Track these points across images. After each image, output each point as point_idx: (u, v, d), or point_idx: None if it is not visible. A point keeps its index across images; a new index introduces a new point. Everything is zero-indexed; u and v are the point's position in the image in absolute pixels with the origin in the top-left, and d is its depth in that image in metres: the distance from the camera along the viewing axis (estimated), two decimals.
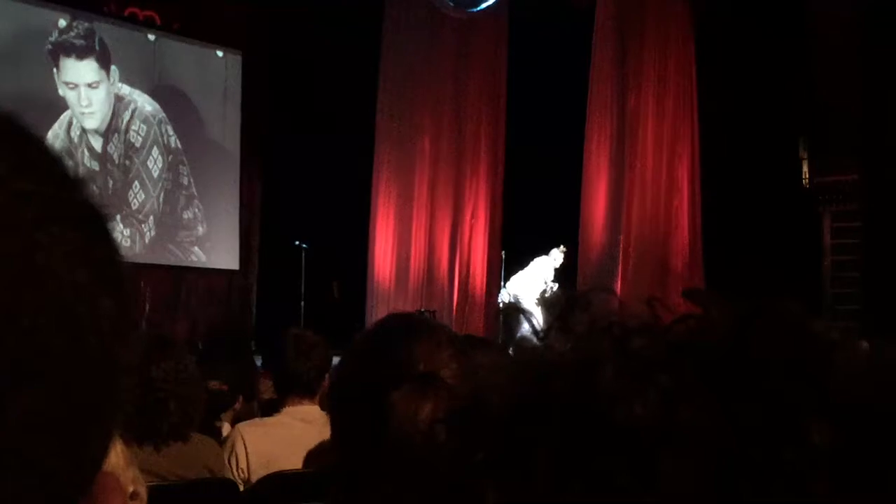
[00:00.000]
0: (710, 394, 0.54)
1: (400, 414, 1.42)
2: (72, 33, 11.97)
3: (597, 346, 0.59)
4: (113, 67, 12.37)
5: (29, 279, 0.46)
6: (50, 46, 11.82)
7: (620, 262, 13.87)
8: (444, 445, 0.62)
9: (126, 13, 12.61)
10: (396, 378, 1.47)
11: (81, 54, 12.07)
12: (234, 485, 3.73)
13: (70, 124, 12.04)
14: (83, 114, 12.13)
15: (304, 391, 3.95)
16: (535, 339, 0.64)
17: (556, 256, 13.02)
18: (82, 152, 12.14)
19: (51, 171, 0.51)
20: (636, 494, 0.53)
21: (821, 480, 0.52)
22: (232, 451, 3.96)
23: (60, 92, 11.94)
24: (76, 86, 12.07)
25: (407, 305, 12.80)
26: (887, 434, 0.53)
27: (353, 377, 1.59)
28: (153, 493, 2.91)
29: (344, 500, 1.55)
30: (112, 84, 12.39)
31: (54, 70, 11.88)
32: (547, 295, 12.88)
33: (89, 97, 12.16)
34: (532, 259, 13.05)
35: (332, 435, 1.62)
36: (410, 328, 1.58)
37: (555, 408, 0.57)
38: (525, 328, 0.66)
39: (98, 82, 12.25)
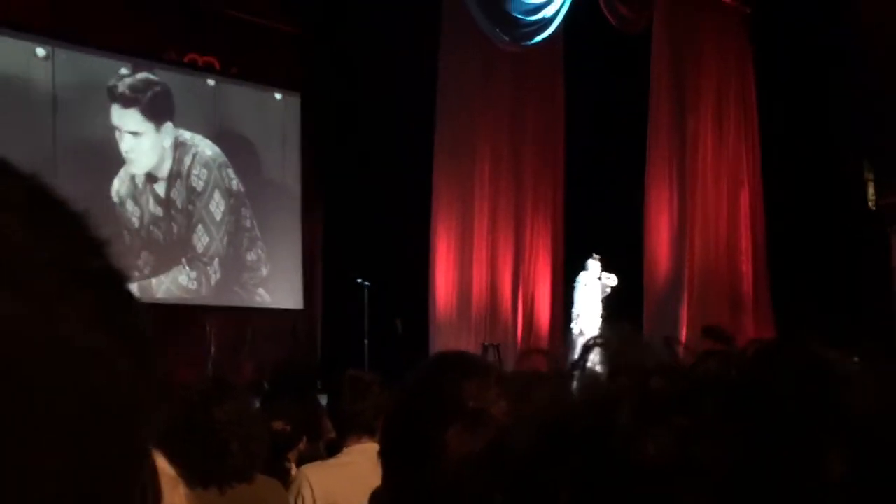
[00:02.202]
0: (726, 431, 0.54)
1: (451, 452, 1.43)
2: (130, 84, 12.19)
3: (616, 387, 0.60)
4: (173, 114, 12.57)
5: (47, 351, 0.47)
6: (110, 97, 12.05)
7: (686, 290, 13.76)
8: (467, 487, 0.63)
9: (186, 59, 12.83)
10: (447, 416, 1.47)
11: (140, 104, 12.29)
12: None
13: (134, 171, 12.25)
14: (144, 162, 12.34)
15: (362, 430, 3.97)
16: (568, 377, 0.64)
17: (593, 266, 12.93)
18: (147, 198, 12.34)
19: (72, 236, 0.51)
20: None
21: None
22: (298, 494, 3.97)
23: (122, 141, 12.16)
24: (137, 135, 12.28)
25: (470, 340, 12.79)
26: None
27: (403, 416, 1.59)
28: None
29: None
30: (171, 132, 12.58)
31: (116, 120, 12.10)
32: (608, 283, 12.81)
33: (146, 145, 12.36)
34: (576, 281, 12.99)
35: (384, 473, 1.63)
36: (460, 366, 1.59)
37: (574, 449, 0.57)
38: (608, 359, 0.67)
39: (157, 130, 12.46)
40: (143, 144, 12.40)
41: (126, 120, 12.25)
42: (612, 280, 12.95)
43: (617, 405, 0.58)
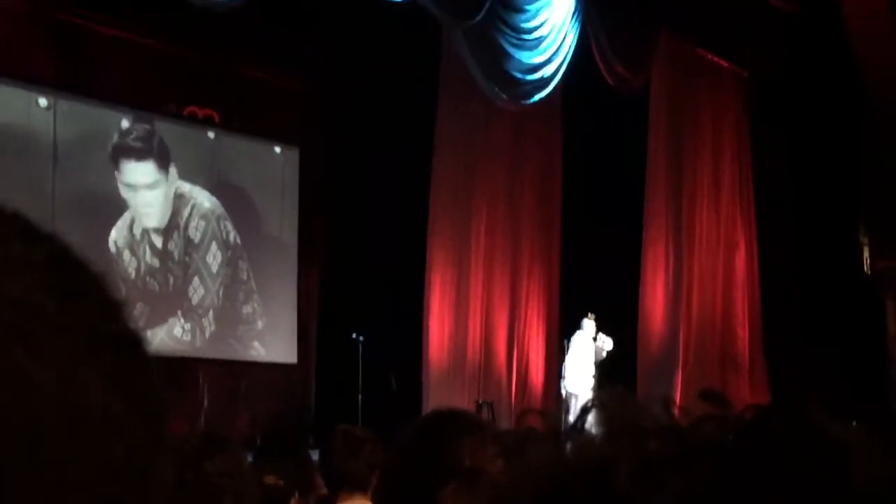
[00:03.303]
0: (724, 496, 0.54)
1: None
2: (131, 136, 12.24)
3: (613, 449, 0.60)
4: (172, 166, 12.61)
5: (65, 415, 0.47)
6: (111, 149, 12.09)
7: (681, 352, 13.74)
8: None
9: (186, 112, 12.90)
10: (443, 474, 1.46)
11: (140, 156, 12.33)
12: None
13: (132, 222, 12.26)
14: (143, 214, 12.35)
15: (354, 487, 3.94)
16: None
17: (589, 325, 12.93)
18: (144, 249, 12.33)
19: (91, 299, 0.52)
20: None
21: None
22: None
23: (122, 192, 12.18)
24: (136, 187, 12.31)
25: (464, 396, 12.74)
26: None
27: (399, 474, 1.58)
28: None
29: None
30: (170, 183, 12.62)
31: (115, 172, 12.13)
32: (604, 347, 12.80)
33: (148, 198, 12.39)
34: (569, 340, 13.01)
35: None
36: (456, 424, 1.58)
37: None
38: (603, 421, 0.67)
39: (156, 183, 12.49)
40: (158, 195, 12.44)
41: (141, 173, 12.31)
42: (607, 344, 12.93)
43: (615, 467, 0.58)
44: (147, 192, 12.41)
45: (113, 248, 11.94)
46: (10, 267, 0.49)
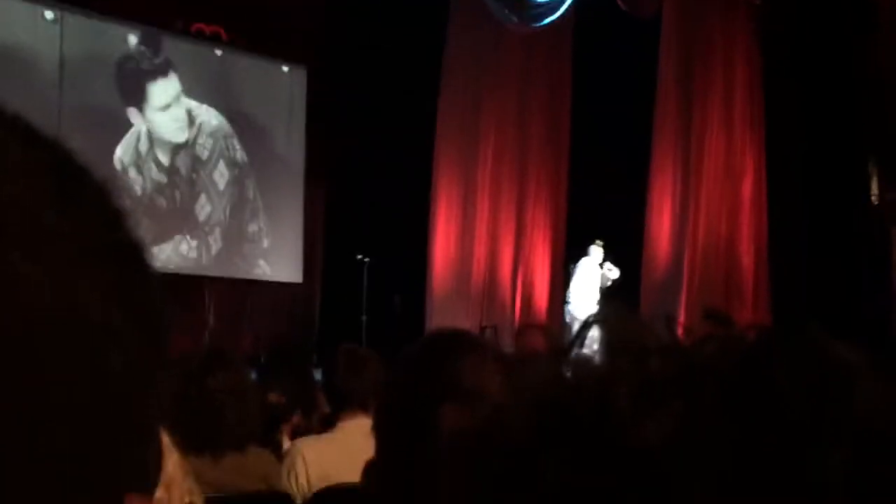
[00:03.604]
0: (725, 418, 0.54)
1: (446, 429, 1.42)
2: (139, 54, 12.17)
3: (614, 368, 0.59)
4: (179, 84, 12.55)
5: (62, 321, 0.46)
6: (119, 67, 12.02)
7: (685, 277, 13.76)
8: (462, 464, 0.62)
9: (193, 29, 12.79)
10: (442, 394, 1.46)
11: (149, 75, 12.28)
12: (290, 498, 3.74)
13: (138, 140, 12.22)
14: (152, 131, 12.32)
15: (356, 406, 3.96)
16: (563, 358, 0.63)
17: (596, 252, 12.94)
18: (150, 167, 12.31)
19: (93, 207, 0.51)
20: None
21: None
22: (292, 468, 3.97)
23: (130, 110, 12.12)
24: (145, 105, 12.27)
25: (468, 320, 12.80)
26: None
27: (399, 392, 1.59)
28: (209, 503, 2.94)
29: None
30: (178, 101, 12.57)
31: (124, 90, 12.05)
32: (609, 276, 12.84)
33: (157, 116, 12.36)
34: (576, 265, 13.03)
35: (378, 447, 1.62)
36: (456, 345, 1.58)
37: (571, 431, 0.56)
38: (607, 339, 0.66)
39: (165, 101, 12.46)
40: (166, 114, 12.42)
41: (158, 93, 12.30)
42: (613, 272, 12.94)
43: (615, 386, 0.57)
44: (156, 110, 12.37)
45: (118, 166, 11.92)
46: (9, 171, 0.48)
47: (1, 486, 0.45)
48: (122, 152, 12.02)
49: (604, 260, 13.01)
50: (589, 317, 0.63)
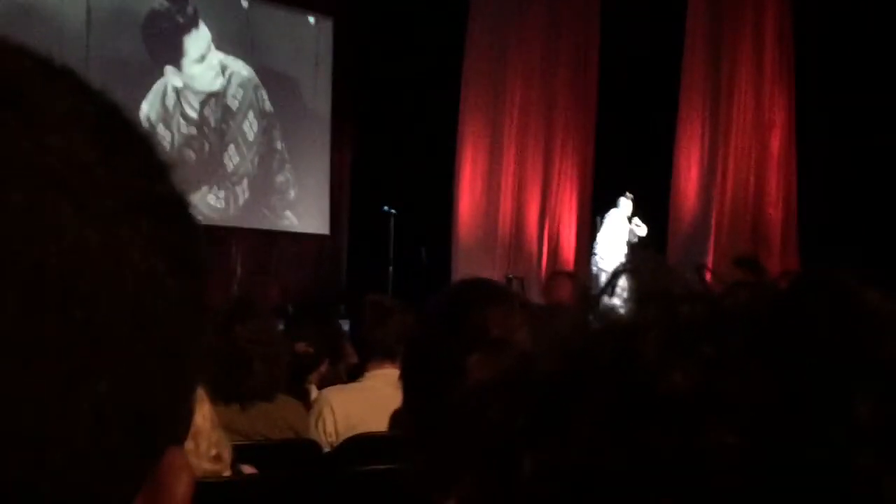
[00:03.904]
0: (755, 363, 0.53)
1: (473, 378, 1.43)
2: (174, 11, 12.17)
3: (642, 314, 0.59)
4: (210, 34, 12.55)
5: (106, 269, 0.47)
6: (161, 28, 12.02)
7: (713, 229, 13.70)
8: (489, 410, 0.62)
9: None
10: (469, 343, 1.47)
11: (189, 28, 12.30)
12: (317, 445, 3.78)
13: (164, 94, 12.23)
14: (196, 83, 12.36)
15: (383, 355, 3.99)
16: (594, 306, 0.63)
17: (626, 205, 12.91)
18: (178, 122, 12.34)
19: (138, 159, 0.52)
20: (677, 462, 0.53)
21: (865, 455, 0.51)
22: (320, 416, 4.01)
23: (174, 68, 12.13)
24: (191, 59, 12.31)
25: (494, 271, 12.80)
26: None
27: (425, 341, 1.59)
28: (238, 450, 2.98)
29: (415, 462, 1.56)
30: (210, 52, 12.59)
31: (156, 43, 12.04)
32: (638, 232, 12.83)
33: (192, 69, 12.39)
34: (604, 217, 13.00)
35: (404, 397, 1.63)
36: (483, 294, 1.58)
37: (598, 377, 0.56)
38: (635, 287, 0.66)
39: (206, 52, 12.50)
40: (200, 66, 12.44)
41: (192, 46, 12.32)
42: (641, 229, 12.90)
43: (643, 334, 0.57)
44: (193, 62, 12.40)
45: (146, 123, 11.94)
46: (58, 121, 0.48)
47: (47, 434, 0.45)
48: (148, 108, 12.04)
49: (633, 213, 12.97)
50: (619, 266, 0.63)
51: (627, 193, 12.89)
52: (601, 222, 13.18)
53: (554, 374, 0.58)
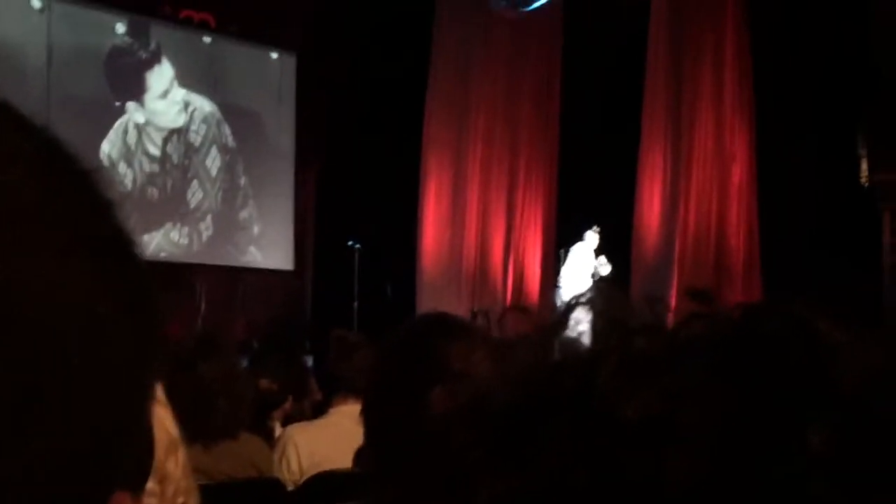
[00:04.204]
0: (710, 394, 0.54)
1: (435, 412, 1.42)
2: (137, 46, 12.15)
3: (599, 346, 0.59)
4: (173, 70, 12.54)
5: (48, 310, 0.46)
6: (122, 64, 12.00)
7: (676, 261, 13.77)
8: (448, 444, 0.62)
9: (181, 16, 12.75)
10: (431, 377, 1.46)
11: (151, 64, 12.28)
12: (281, 484, 3.75)
13: (126, 132, 12.18)
14: (159, 119, 12.32)
15: (348, 391, 3.97)
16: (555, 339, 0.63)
17: (591, 238, 12.97)
18: (140, 160, 12.28)
19: (80, 196, 0.51)
20: (636, 492, 0.53)
21: (819, 484, 0.51)
22: (283, 454, 3.98)
23: (122, 100, 12.08)
24: (143, 94, 12.27)
25: (459, 306, 12.80)
26: (889, 438, 0.52)
27: (387, 376, 1.59)
28: (201, 491, 2.94)
29: (378, 498, 1.55)
30: (173, 88, 12.56)
31: (116, 79, 12.01)
32: (600, 272, 12.86)
33: (155, 105, 12.36)
34: (569, 250, 13.05)
35: (366, 432, 1.62)
36: (443, 328, 1.58)
37: (555, 408, 0.56)
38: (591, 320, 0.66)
39: (170, 87, 12.48)
40: (162, 102, 12.42)
41: (154, 81, 12.29)
42: (605, 268, 12.94)
43: (601, 364, 0.57)
44: (156, 98, 12.37)
45: (106, 162, 11.87)
46: None
47: None
48: (109, 147, 11.98)
49: (598, 248, 13.01)
50: (573, 298, 0.63)
51: (595, 227, 12.95)
52: (566, 255, 13.22)
53: (512, 405, 0.58)
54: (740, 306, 0.61)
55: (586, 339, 0.62)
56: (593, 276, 12.85)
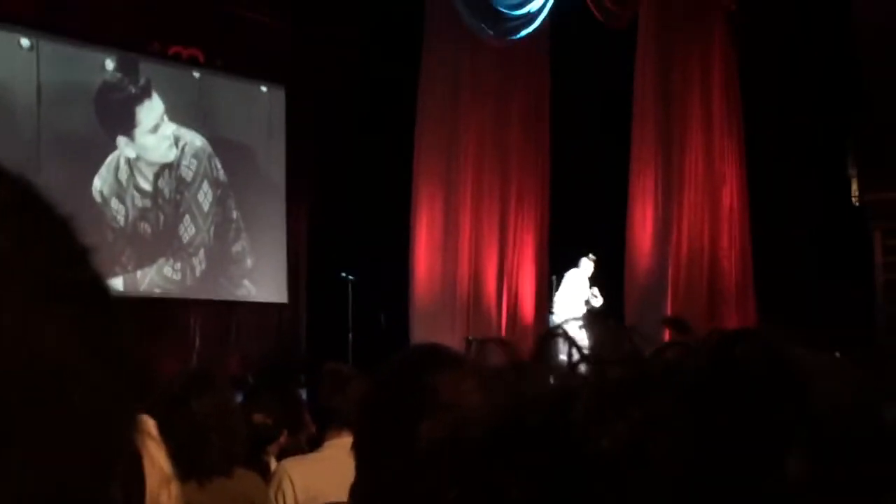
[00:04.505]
0: (682, 424, 0.54)
1: (423, 445, 1.42)
2: (126, 82, 12.19)
3: (573, 378, 0.59)
4: (163, 105, 12.57)
5: (18, 364, 0.46)
6: (111, 100, 12.03)
7: (669, 287, 13.77)
8: (425, 480, 0.62)
9: (170, 52, 12.78)
10: (420, 409, 1.46)
11: (141, 99, 12.32)
12: None
13: (117, 168, 12.18)
14: (138, 156, 12.33)
15: (342, 424, 3.96)
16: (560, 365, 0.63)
17: (587, 266, 12.97)
18: (132, 195, 12.27)
19: (54, 244, 0.51)
20: None
21: None
22: (279, 489, 3.96)
23: (113, 137, 12.10)
24: (144, 130, 12.31)
25: (453, 334, 12.78)
26: (864, 464, 0.52)
27: (376, 408, 1.58)
28: None
29: None
30: (163, 123, 12.59)
31: (106, 116, 12.03)
32: (593, 303, 12.86)
33: (145, 140, 12.38)
34: (562, 276, 13.05)
35: (357, 465, 1.62)
36: (433, 358, 1.58)
37: (527, 444, 0.56)
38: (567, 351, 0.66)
39: (160, 122, 12.52)
40: (153, 138, 12.44)
41: (144, 117, 12.33)
42: (597, 299, 12.93)
43: (572, 398, 0.57)
44: (146, 133, 12.39)
45: (98, 198, 11.87)
46: None
47: None
48: (100, 183, 11.98)
49: (593, 275, 13.01)
50: (549, 329, 0.63)
51: (590, 255, 12.96)
52: (558, 281, 13.23)
53: (484, 441, 0.59)
54: (715, 334, 0.61)
55: (558, 372, 0.62)
56: (586, 303, 12.84)
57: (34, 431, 0.46)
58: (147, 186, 12.44)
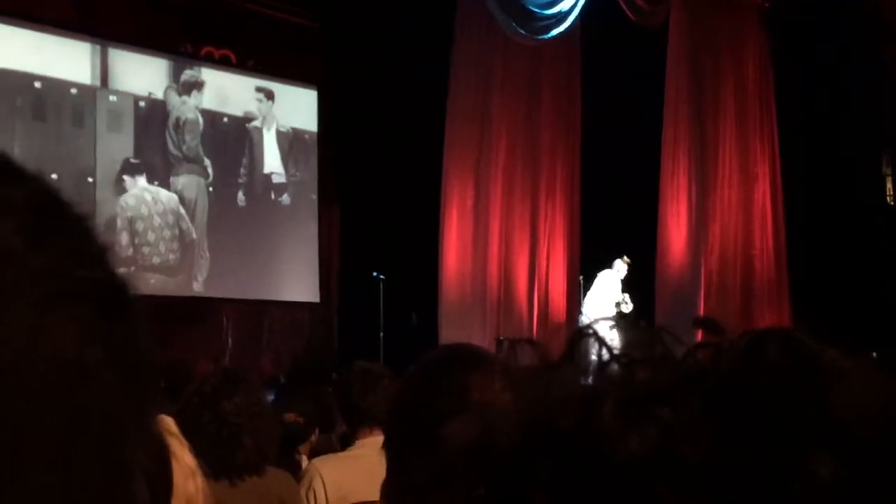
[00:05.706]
0: (711, 427, 0.53)
1: (453, 445, 1.41)
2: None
3: (602, 381, 0.59)
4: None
5: (33, 364, 0.46)
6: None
7: (703, 286, 13.71)
8: (454, 481, 0.62)
9: (202, 53, 12.84)
10: (450, 408, 1.46)
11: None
12: None
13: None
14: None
15: (373, 423, 3.96)
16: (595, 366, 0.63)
17: (620, 268, 12.91)
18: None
19: (71, 244, 0.50)
20: None
21: None
22: (310, 487, 3.97)
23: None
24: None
25: (484, 333, 12.77)
26: (890, 468, 0.52)
27: (406, 407, 1.58)
28: None
29: None
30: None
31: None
32: (623, 309, 12.80)
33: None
34: (592, 276, 13.00)
35: (388, 464, 1.62)
36: (464, 358, 1.58)
37: (556, 447, 0.56)
38: (598, 351, 0.65)
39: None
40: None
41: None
42: (628, 305, 12.85)
43: (602, 400, 0.56)
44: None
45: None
46: None
47: None
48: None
49: (626, 276, 12.93)
50: (579, 329, 0.63)
51: (625, 257, 12.89)
52: (586, 282, 13.19)
53: (512, 445, 0.58)
54: (746, 335, 0.61)
55: (589, 373, 0.62)
56: (617, 305, 12.78)
57: (46, 431, 0.46)
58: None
